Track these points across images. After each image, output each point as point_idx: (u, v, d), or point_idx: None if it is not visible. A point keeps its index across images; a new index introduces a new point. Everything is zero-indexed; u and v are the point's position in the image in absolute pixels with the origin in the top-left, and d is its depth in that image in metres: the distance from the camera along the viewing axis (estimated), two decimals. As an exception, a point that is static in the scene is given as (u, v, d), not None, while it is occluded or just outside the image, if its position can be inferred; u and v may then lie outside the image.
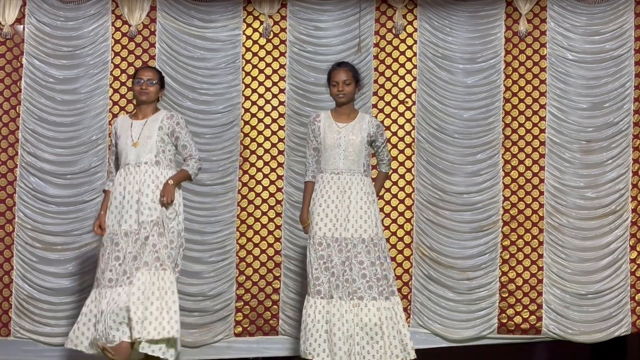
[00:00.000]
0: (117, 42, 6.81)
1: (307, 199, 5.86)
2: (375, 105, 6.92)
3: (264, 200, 6.87)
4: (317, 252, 5.68)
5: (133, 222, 5.47)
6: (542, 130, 6.90)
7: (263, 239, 6.86)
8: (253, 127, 6.88)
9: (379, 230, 5.78)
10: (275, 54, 6.91)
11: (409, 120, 6.92)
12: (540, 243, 6.88)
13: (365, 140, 5.79)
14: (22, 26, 6.76)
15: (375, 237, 5.72)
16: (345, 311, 5.61)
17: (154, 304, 5.33)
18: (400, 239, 6.88)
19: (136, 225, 5.46)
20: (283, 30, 6.92)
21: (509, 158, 6.91)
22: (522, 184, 6.90)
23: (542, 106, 6.91)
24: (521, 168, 6.91)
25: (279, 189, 6.88)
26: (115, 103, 6.79)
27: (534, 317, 6.85)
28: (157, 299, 5.34)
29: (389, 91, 6.93)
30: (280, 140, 6.89)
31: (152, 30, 6.84)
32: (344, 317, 5.60)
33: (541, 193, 6.89)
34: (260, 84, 6.90)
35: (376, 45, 6.93)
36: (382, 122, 6.83)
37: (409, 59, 6.94)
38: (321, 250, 5.68)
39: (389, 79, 6.94)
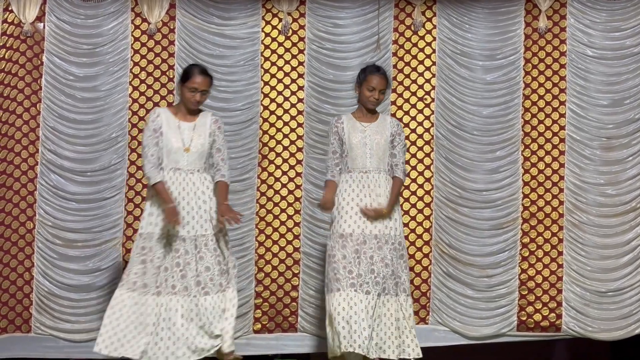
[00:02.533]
0: (136, 39, 6.84)
1: (330, 190, 5.82)
2: (394, 102, 6.91)
3: (283, 198, 6.88)
4: (348, 247, 5.67)
5: (191, 228, 5.48)
6: (562, 127, 6.88)
7: (282, 236, 6.87)
8: (272, 125, 6.89)
9: (402, 230, 5.85)
10: (294, 51, 6.91)
11: (427, 118, 6.91)
12: (560, 240, 6.85)
13: (389, 140, 5.80)
14: (42, 24, 6.79)
15: (399, 236, 5.74)
16: (388, 307, 5.64)
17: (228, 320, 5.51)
18: (419, 236, 6.87)
19: (202, 231, 5.48)
20: (302, 27, 6.92)
21: (529, 155, 6.88)
22: (541, 181, 6.87)
23: (562, 103, 6.88)
24: (541, 165, 6.88)
25: (297, 186, 6.89)
26: (134, 100, 6.81)
27: (554, 314, 6.83)
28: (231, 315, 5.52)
29: (407, 88, 6.92)
30: (299, 137, 6.90)
31: (172, 28, 6.86)
32: (389, 312, 5.66)
33: (561, 190, 6.86)
34: (279, 81, 6.90)
35: (395, 42, 6.93)
36: (400, 119, 6.84)
37: (428, 56, 6.93)
38: (356, 245, 5.67)
39: (407, 76, 6.93)
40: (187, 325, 5.44)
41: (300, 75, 6.90)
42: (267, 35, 6.90)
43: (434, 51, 6.92)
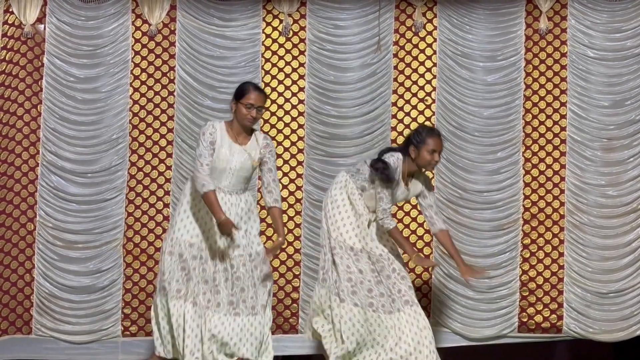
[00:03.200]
0: (137, 41, 6.84)
1: None
2: (394, 104, 6.91)
3: (284, 199, 6.87)
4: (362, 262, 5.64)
5: (239, 249, 5.43)
6: (562, 128, 6.87)
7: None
8: (273, 126, 6.89)
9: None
10: (295, 52, 6.91)
11: (428, 119, 6.91)
12: (561, 241, 6.85)
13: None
14: (43, 25, 6.79)
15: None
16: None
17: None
18: (420, 237, 6.87)
19: (240, 250, 5.43)
20: (302, 28, 6.92)
21: (530, 156, 6.88)
22: (542, 182, 6.87)
23: (563, 104, 6.88)
24: (542, 166, 6.88)
25: (298, 188, 6.89)
26: (135, 102, 6.82)
27: (555, 315, 6.83)
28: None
29: (408, 89, 6.92)
30: (300, 138, 6.90)
31: (172, 29, 6.86)
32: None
33: (562, 191, 6.86)
34: (280, 82, 6.90)
35: (396, 43, 6.92)
36: (401, 120, 6.85)
37: (429, 57, 6.93)
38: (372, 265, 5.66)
39: (408, 77, 6.93)
40: (211, 338, 5.40)
41: (301, 77, 6.90)
42: (267, 36, 6.90)
43: (434, 52, 6.92)
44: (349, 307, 5.49)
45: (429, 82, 6.92)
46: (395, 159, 5.55)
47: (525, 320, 6.83)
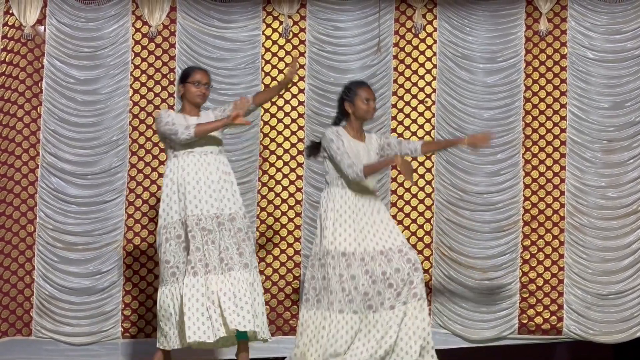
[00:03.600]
0: (137, 42, 6.84)
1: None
2: (394, 105, 6.91)
3: (284, 200, 6.88)
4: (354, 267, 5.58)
5: (214, 207, 5.46)
6: (562, 130, 6.87)
7: (282, 239, 6.87)
8: (272, 127, 6.89)
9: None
10: (295, 54, 6.91)
11: (428, 120, 6.91)
12: (561, 243, 6.85)
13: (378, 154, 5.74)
14: (43, 27, 6.79)
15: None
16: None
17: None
18: (420, 239, 6.86)
19: (227, 210, 5.49)
20: (302, 30, 6.92)
21: (530, 158, 6.88)
22: (542, 183, 6.87)
23: (563, 105, 6.88)
24: (542, 168, 6.88)
25: (298, 189, 6.89)
26: (135, 103, 6.82)
27: (555, 317, 6.83)
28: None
29: (408, 91, 6.92)
30: (300, 140, 6.90)
31: (172, 30, 6.86)
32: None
33: (562, 193, 6.86)
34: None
35: (396, 45, 6.92)
36: (401, 122, 6.86)
37: (429, 59, 6.93)
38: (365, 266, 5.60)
39: (408, 78, 6.93)
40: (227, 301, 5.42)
41: (301, 78, 6.90)
42: (267, 38, 6.90)
43: (434, 54, 6.92)
44: (349, 317, 5.48)
45: (428, 83, 6.92)
46: (330, 130, 5.61)
47: (525, 322, 6.83)
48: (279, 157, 6.88)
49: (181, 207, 5.47)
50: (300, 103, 6.91)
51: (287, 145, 6.90)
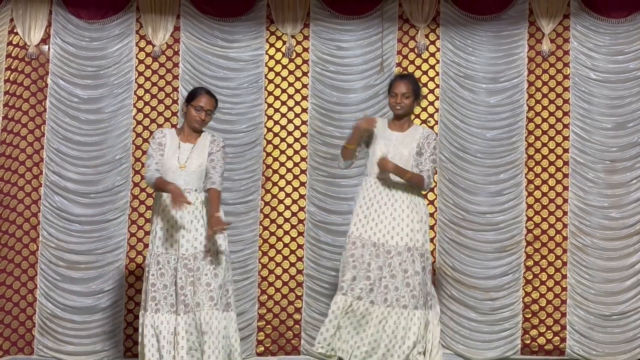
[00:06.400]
0: (141, 62, 6.86)
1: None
2: (397, 125, 6.92)
3: (286, 220, 6.88)
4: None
5: (190, 246, 5.44)
6: (565, 150, 6.87)
7: (285, 258, 6.87)
8: (275, 147, 6.90)
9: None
10: (298, 73, 6.93)
11: (431, 140, 6.91)
12: (564, 263, 6.83)
13: (414, 152, 5.66)
14: (47, 46, 6.82)
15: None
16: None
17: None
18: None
19: (201, 247, 5.44)
20: (306, 50, 6.94)
21: (532, 178, 6.88)
22: (545, 204, 6.86)
23: (566, 126, 6.88)
24: (544, 188, 6.88)
25: (301, 208, 6.88)
26: (139, 122, 6.83)
27: (558, 338, 6.81)
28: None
29: (411, 111, 6.93)
30: (303, 159, 6.91)
31: (176, 50, 6.88)
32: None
33: (565, 213, 6.85)
34: (283, 103, 6.92)
35: (398, 64, 6.94)
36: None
37: (432, 79, 6.94)
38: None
39: (411, 98, 6.93)
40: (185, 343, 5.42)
41: (304, 98, 6.92)
42: (271, 57, 6.92)
43: (437, 74, 6.94)
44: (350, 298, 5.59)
45: (431, 103, 6.93)
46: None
47: (528, 342, 6.81)
48: (282, 176, 6.89)
49: (158, 238, 5.49)
50: (303, 122, 6.92)
51: (290, 164, 6.91)
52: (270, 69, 6.92)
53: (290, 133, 6.92)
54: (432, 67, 6.94)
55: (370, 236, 5.61)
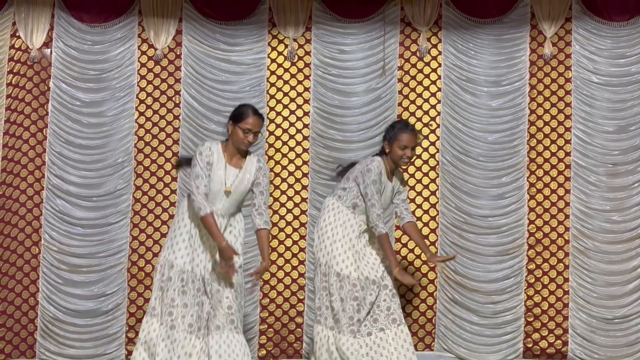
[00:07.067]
0: (143, 65, 6.87)
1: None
2: (399, 128, 6.92)
3: (288, 223, 6.88)
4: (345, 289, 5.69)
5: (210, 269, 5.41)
6: (567, 153, 6.87)
7: (287, 261, 6.87)
8: (277, 150, 6.90)
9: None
10: (300, 77, 6.93)
11: (433, 143, 6.92)
12: (566, 267, 6.83)
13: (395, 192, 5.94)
14: (49, 50, 6.83)
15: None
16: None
17: None
18: (425, 262, 6.85)
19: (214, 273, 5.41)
20: (307, 53, 6.95)
21: (534, 181, 6.88)
22: (547, 207, 6.86)
23: (568, 129, 6.88)
24: (546, 191, 6.88)
25: (303, 212, 6.89)
26: (141, 126, 6.84)
27: (560, 341, 6.80)
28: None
29: (413, 114, 6.93)
30: (305, 162, 6.91)
31: (178, 53, 6.89)
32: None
33: (567, 216, 6.85)
34: (285, 106, 6.92)
35: (400, 68, 6.94)
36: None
37: (434, 82, 6.95)
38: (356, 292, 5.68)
39: (413, 101, 6.94)
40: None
41: (306, 101, 6.92)
42: (273, 61, 6.93)
43: (439, 77, 6.94)
44: (342, 337, 5.55)
45: (433, 106, 6.93)
46: (377, 163, 5.68)
47: (530, 345, 6.81)
48: (283, 180, 6.89)
49: (187, 253, 5.40)
50: (305, 126, 6.92)
51: (291, 167, 6.91)
52: (272, 73, 6.92)
53: (292, 136, 6.92)
54: (434, 70, 6.94)
55: (359, 275, 5.66)
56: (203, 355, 5.35)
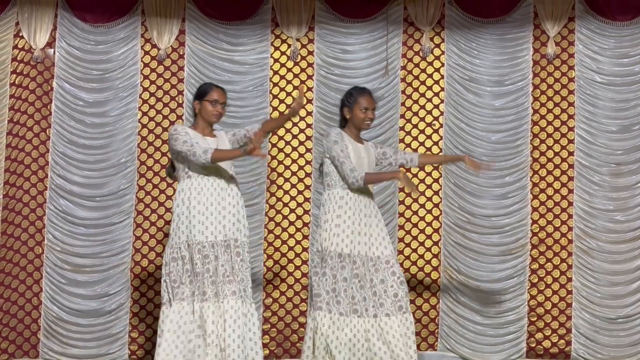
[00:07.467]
0: (146, 65, 6.88)
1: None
2: (402, 128, 6.92)
3: (291, 223, 6.88)
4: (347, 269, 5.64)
5: (223, 233, 5.40)
6: (570, 153, 6.87)
7: (290, 261, 6.87)
8: (280, 150, 6.90)
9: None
10: (303, 76, 6.94)
11: (436, 143, 6.92)
12: (569, 266, 6.83)
13: (375, 162, 5.77)
14: (52, 50, 6.84)
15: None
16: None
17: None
18: (428, 262, 6.85)
19: (235, 236, 5.41)
20: (310, 53, 6.95)
21: (538, 181, 6.87)
22: (550, 207, 6.86)
23: (571, 129, 6.88)
24: (550, 191, 6.87)
25: (306, 212, 6.89)
26: (144, 126, 6.84)
27: (563, 341, 6.80)
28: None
29: (416, 114, 6.93)
30: (308, 162, 6.91)
31: (181, 53, 6.89)
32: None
33: (570, 216, 6.84)
34: (288, 106, 6.91)
35: (403, 67, 6.94)
36: (409, 144, 6.86)
37: (437, 82, 6.94)
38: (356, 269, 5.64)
39: (416, 101, 6.94)
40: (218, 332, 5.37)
41: (309, 101, 6.92)
42: (276, 61, 6.93)
43: (442, 77, 6.94)
44: (336, 317, 5.49)
45: (436, 106, 6.93)
46: (333, 129, 5.64)
47: (533, 345, 6.80)
48: (286, 180, 6.89)
49: (188, 228, 5.41)
50: (308, 125, 6.92)
51: (294, 167, 6.91)
52: (275, 72, 6.93)
53: (295, 136, 6.92)
54: (437, 70, 6.94)
55: (358, 251, 5.56)
56: (220, 319, 5.33)
